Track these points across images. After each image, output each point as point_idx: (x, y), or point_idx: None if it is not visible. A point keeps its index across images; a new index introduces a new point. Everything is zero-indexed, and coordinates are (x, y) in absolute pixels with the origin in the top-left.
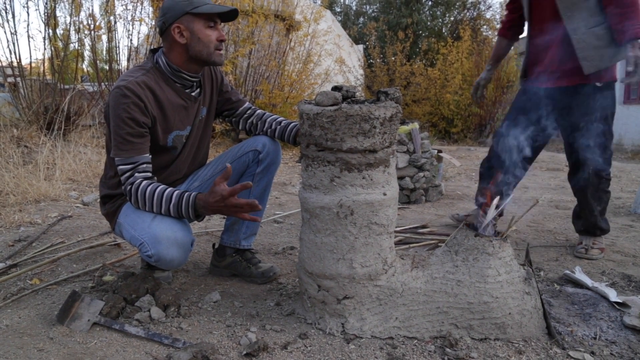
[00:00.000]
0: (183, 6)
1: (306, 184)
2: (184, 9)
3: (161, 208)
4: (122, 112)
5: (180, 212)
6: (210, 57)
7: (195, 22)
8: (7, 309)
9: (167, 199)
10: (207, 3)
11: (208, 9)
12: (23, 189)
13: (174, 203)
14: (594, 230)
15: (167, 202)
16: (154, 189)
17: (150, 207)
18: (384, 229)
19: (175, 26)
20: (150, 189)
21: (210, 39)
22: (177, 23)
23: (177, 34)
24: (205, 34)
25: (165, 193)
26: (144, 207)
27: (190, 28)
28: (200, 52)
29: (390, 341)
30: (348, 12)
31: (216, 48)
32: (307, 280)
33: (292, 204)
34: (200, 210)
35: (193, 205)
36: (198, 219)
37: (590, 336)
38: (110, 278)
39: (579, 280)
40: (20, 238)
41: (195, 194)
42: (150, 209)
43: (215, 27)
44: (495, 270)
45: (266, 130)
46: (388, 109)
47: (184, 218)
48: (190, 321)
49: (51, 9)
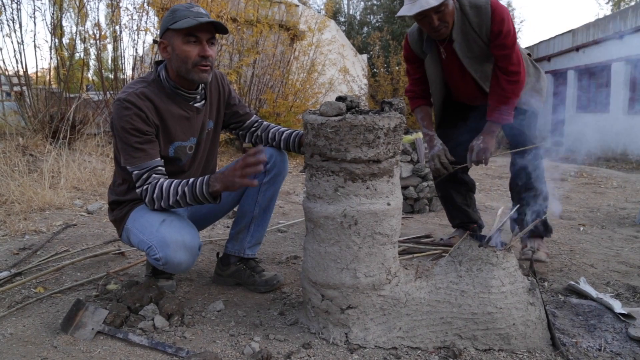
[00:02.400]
0: (166, 21)
1: (310, 193)
2: (166, 25)
3: (177, 194)
4: (126, 123)
5: (194, 193)
6: (189, 74)
7: (174, 37)
8: (11, 317)
9: (183, 184)
10: (188, 17)
11: (182, 24)
12: (28, 197)
13: (189, 185)
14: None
15: (182, 186)
16: (170, 182)
17: (167, 198)
18: (388, 239)
19: (161, 41)
20: (167, 183)
21: (188, 55)
22: (163, 38)
23: (162, 49)
24: (182, 49)
25: (181, 182)
26: (160, 201)
27: (172, 44)
28: (179, 69)
29: (393, 351)
30: (352, 22)
31: (195, 64)
32: (310, 289)
33: (295, 213)
34: (213, 184)
35: (207, 182)
36: (215, 200)
37: (595, 348)
38: (114, 287)
39: (584, 291)
40: (25, 246)
41: (209, 176)
42: (166, 200)
43: (199, 42)
44: (499, 280)
45: (271, 142)
46: (392, 119)
47: (200, 201)
48: (193, 330)
49: (57, 18)
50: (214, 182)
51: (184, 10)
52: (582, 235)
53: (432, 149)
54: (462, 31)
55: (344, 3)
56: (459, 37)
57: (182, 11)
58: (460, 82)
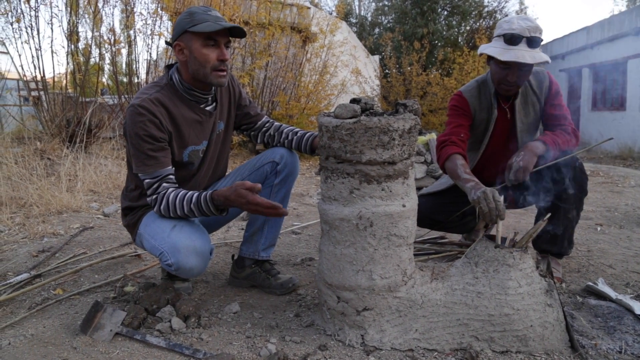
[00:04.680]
0: (184, 24)
1: (325, 195)
2: (184, 27)
3: (184, 209)
4: (140, 130)
5: (201, 209)
6: (207, 78)
7: (193, 40)
8: (32, 318)
9: (188, 200)
10: (207, 21)
11: (204, 28)
12: (46, 200)
13: (194, 202)
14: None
15: (188, 203)
16: (177, 193)
17: (174, 211)
18: (404, 240)
19: (177, 43)
20: (173, 194)
21: (207, 58)
22: (179, 40)
23: (178, 51)
24: (202, 53)
25: (187, 195)
26: (168, 212)
27: (189, 46)
28: (197, 72)
29: (410, 353)
30: (364, 23)
31: (214, 68)
32: (326, 291)
33: (310, 215)
34: (218, 203)
35: (211, 200)
36: (222, 213)
37: (615, 350)
38: (132, 289)
39: (602, 292)
40: (44, 249)
41: (211, 192)
42: (174, 213)
43: (217, 45)
44: (516, 282)
45: (283, 141)
46: (407, 121)
47: (208, 215)
48: (210, 332)
49: (73, 24)
50: (219, 202)
51: (202, 13)
52: (599, 236)
53: (478, 190)
54: (522, 93)
55: (355, 4)
56: (520, 98)
57: (201, 14)
58: (502, 146)
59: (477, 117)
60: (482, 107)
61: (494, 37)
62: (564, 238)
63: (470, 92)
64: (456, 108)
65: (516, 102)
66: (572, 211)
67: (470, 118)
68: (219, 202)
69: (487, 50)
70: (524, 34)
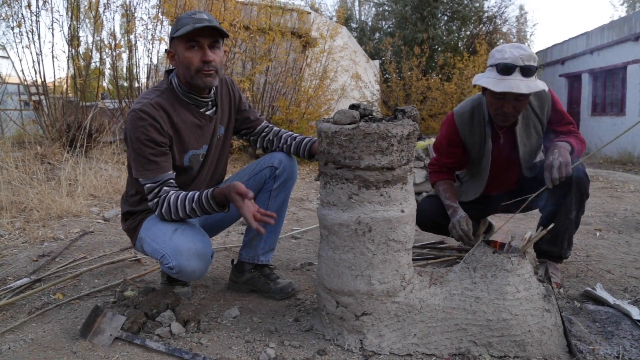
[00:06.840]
0: (172, 31)
1: (324, 201)
2: (171, 34)
3: (186, 209)
4: (141, 134)
5: (203, 207)
6: (193, 80)
7: (178, 45)
8: (32, 323)
9: (190, 199)
10: (187, 24)
11: (182, 31)
12: (46, 205)
13: (195, 201)
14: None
15: (190, 202)
16: (178, 195)
17: (176, 212)
18: (402, 246)
19: (169, 51)
20: (174, 196)
21: (191, 61)
22: (170, 48)
23: (170, 58)
24: (185, 56)
25: (188, 195)
26: (170, 214)
27: (177, 52)
28: (185, 76)
29: (408, 358)
30: (364, 28)
31: (198, 70)
32: (325, 296)
33: (309, 220)
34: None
35: (212, 197)
36: (224, 209)
37: (613, 355)
38: (131, 293)
39: (601, 297)
40: (44, 253)
41: (212, 189)
42: (176, 214)
43: (200, 47)
44: (514, 287)
45: (282, 146)
46: (405, 126)
47: (210, 213)
48: (209, 336)
49: (74, 29)
50: (219, 198)
51: (186, 17)
52: (598, 241)
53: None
54: (523, 116)
55: (355, 9)
56: (521, 123)
57: (185, 19)
58: (503, 171)
59: (467, 141)
60: (474, 132)
61: (487, 67)
62: (564, 239)
63: (462, 117)
64: (446, 138)
65: (517, 128)
66: (572, 212)
67: (459, 144)
68: (220, 199)
69: (481, 82)
70: (517, 63)
